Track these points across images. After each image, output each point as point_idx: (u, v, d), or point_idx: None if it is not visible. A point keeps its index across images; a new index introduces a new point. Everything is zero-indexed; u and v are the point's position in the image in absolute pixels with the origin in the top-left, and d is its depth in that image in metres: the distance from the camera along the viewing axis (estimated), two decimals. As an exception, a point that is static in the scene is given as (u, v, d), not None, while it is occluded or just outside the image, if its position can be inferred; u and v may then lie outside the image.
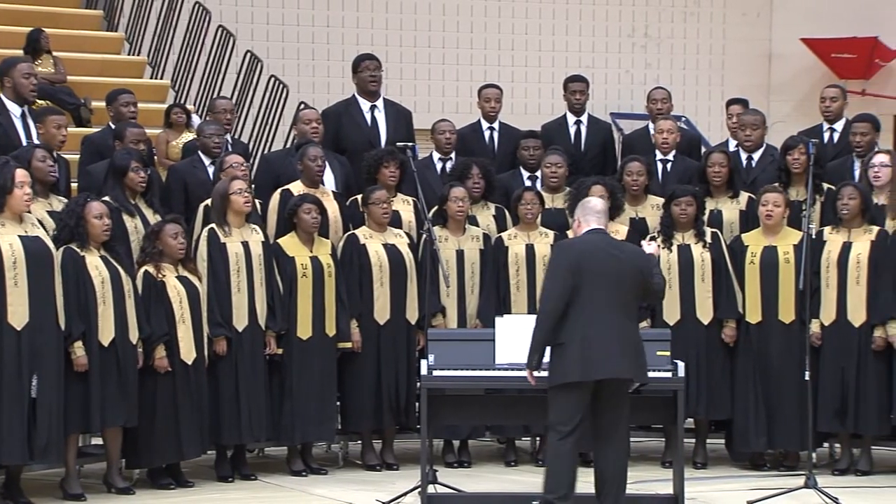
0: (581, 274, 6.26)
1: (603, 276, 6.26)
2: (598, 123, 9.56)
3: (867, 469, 7.91)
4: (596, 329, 6.22)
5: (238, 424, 7.61)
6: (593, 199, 6.75)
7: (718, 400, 8.00)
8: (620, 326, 6.27)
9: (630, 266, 6.34)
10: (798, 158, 8.14)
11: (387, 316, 8.00)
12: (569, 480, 6.28)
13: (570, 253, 6.40)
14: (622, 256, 6.36)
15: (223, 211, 7.67)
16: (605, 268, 6.28)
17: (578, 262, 6.29)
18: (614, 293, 6.26)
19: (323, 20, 12.67)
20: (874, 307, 7.76)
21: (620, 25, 13.29)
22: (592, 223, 6.44)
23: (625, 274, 6.31)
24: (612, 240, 6.57)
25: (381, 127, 8.97)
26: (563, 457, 6.26)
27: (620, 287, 6.29)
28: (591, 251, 6.34)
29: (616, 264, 6.31)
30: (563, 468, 6.27)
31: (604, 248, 6.36)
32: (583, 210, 6.52)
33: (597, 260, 6.29)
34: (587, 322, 6.22)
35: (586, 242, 6.43)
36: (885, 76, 12.73)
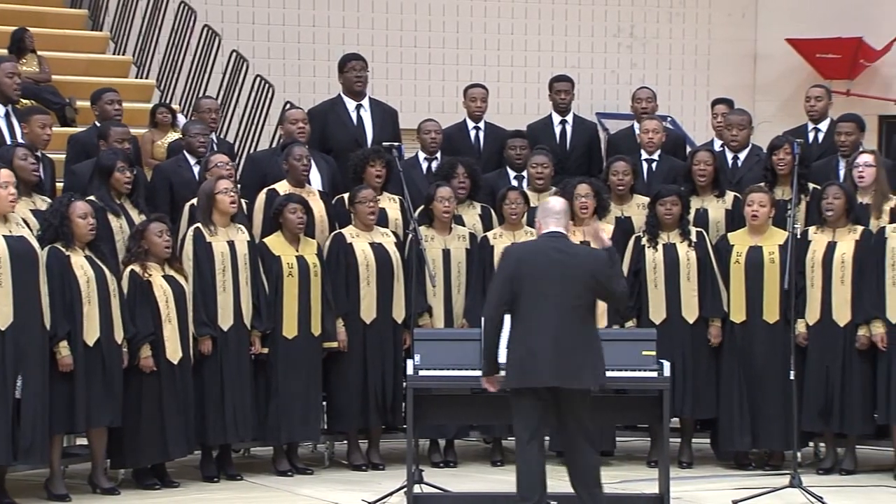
0: (522, 280, 6.17)
1: (545, 281, 6.14)
2: (583, 123, 9.58)
3: (851, 468, 7.94)
4: (537, 335, 6.12)
5: (223, 424, 7.60)
6: (553, 199, 6.60)
7: (704, 399, 8.02)
8: (565, 332, 6.12)
9: (578, 270, 6.19)
10: (783, 158, 8.16)
11: (373, 315, 8.00)
12: (538, 484, 6.24)
13: (510, 259, 6.32)
14: (569, 261, 6.20)
15: (209, 210, 7.66)
16: (547, 273, 6.16)
17: (518, 268, 6.21)
18: (560, 298, 6.13)
19: (309, 20, 12.66)
20: (858, 307, 7.78)
21: (606, 25, 13.31)
22: (551, 225, 6.33)
23: (571, 278, 6.16)
24: (563, 243, 6.31)
25: (366, 126, 8.97)
26: (530, 461, 6.23)
27: (567, 292, 6.14)
28: (532, 257, 6.24)
29: (560, 269, 6.17)
30: (531, 472, 6.24)
31: (547, 252, 6.23)
32: (542, 212, 6.42)
33: (538, 266, 6.18)
34: (529, 328, 6.15)
35: (529, 248, 6.40)
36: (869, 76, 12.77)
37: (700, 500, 7.25)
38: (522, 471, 6.27)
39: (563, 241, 6.33)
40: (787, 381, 7.39)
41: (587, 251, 6.50)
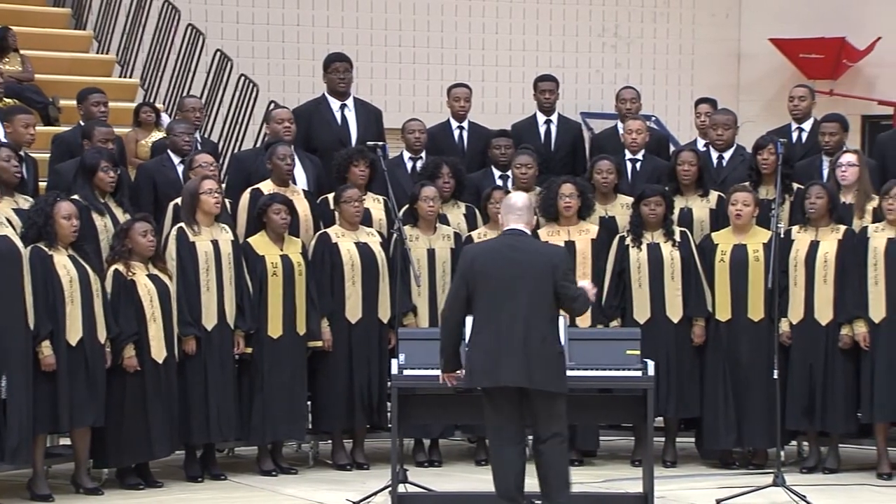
0: (476, 280, 6.13)
1: (499, 281, 6.09)
2: (568, 123, 9.59)
3: (835, 467, 7.96)
4: (489, 336, 6.08)
5: (207, 424, 7.59)
6: (515, 195, 6.51)
7: (688, 398, 8.04)
8: (519, 331, 6.05)
9: (533, 268, 6.12)
10: (768, 158, 8.18)
11: (358, 315, 7.99)
12: (514, 486, 6.21)
13: (465, 259, 6.27)
14: (524, 259, 6.13)
15: (192, 210, 7.65)
16: (501, 272, 6.10)
17: (472, 268, 6.17)
18: (514, 297, 6.07)
19: (293, 19, 12.64)
20: (841, 306, 7.81)
21: (590, 25, 13.32)
22: (511, 222, 6.27)
23: (526, 277, 6.09)
24: (520, 241, 6.22)
25: (351, 126, 8.96)
26: (504, 463, 6.22)
27: (522, 291, 6.08)
28: (486, 256, 6.19)
29: (515, 268, 6.11)
30: (505, 474, 6.22)
31: (503, 251, 6.18)
32: (504, 207, 6.36)
33: (492, 265, 6.13)
34: (482, 328, 6.11)
35: (485, 247, 6.37)
36: (852, 76, 12.81)
37: (684, 499, 7.27)
38: (496, 471, 6.27)
39: (520, 238, 6.25)
40: (771, 380, 7.42)
41: (543, 249, 6.46)
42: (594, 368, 6.73)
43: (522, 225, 6.27)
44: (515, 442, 6.22)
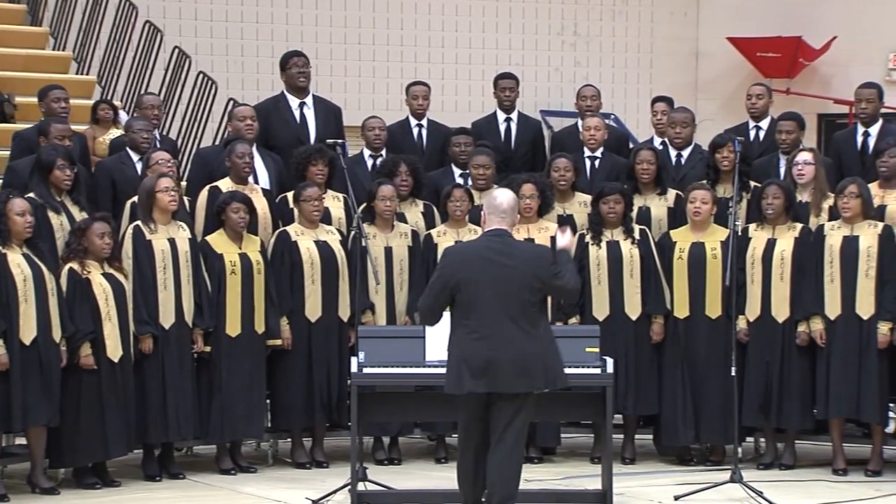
0: (459, 283, 6.04)
1: (484, 284, 6.00)
2: (528, 121, 9.60)
3: (791, 463, 8.02)
4: (475, 340, 6.00)
5: (165, 423, 7.56)
6: (501, 194, 6.31)
7: (647, 395, 8.08)
8: (504, 335, 5.97)
9: (519, 272, 6.01)
10: (727, 156, 8.23)
11: (318, 313, 7.98)
12: (472, 495, 6.19)
13: (450, 261, 6.19)
14: (509, 262, 6.03)
15: (149, 208, 7.61)
16: (486, 276, 6.01)
17: (457, 270, 6.08)
18: (500, 301, 5.99)
19: (252, 16, 12.59)
20: (798, 303, 7.87)
21: (550, 23, 13.35)
22: (495, 223, 6.17)
23: (512, 280, 5.99)
24: (505, 243, 6.12)
25: (309, 124, 8.94)
26: (465, 470, 6.20)
27: (508, 294, 5.99)
28: (471, 259, 6.10)
29: (500, 271, 6.02)
30: (465, 481, 6.21)
31: (487, 255, 6.05)
32: (489, 206, 6.24)
33: (477, 268, 6.04)
34: (467, 333, 6.03)
35: (470, 249, 6.28)
36: (808, 75, 12.90)
37: (643, 495, 7.30)
38: (459, 477, 6.26)
39: (504, 240, 6.16)
40: (728, 377, 7.46)
41: (529, 250, 6.38)
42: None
43: (506, 226, 6.18)
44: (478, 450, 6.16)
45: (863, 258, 7.75)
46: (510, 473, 6.07)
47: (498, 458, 6.05)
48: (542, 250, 6.37)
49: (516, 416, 6.08)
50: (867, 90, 8.77)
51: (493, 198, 6.29)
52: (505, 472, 6.05)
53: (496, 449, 6.06)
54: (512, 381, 6.01)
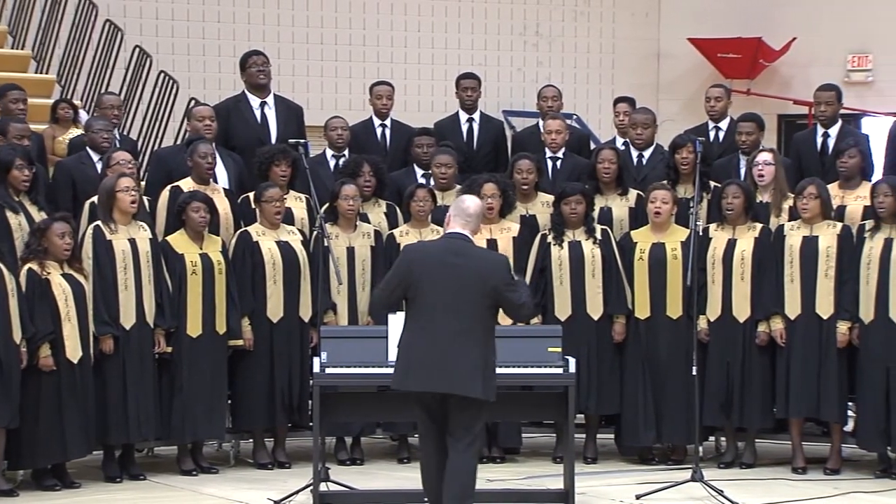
0: (414, 282, 6.10)
1: (438, 285, 6.05)
2: (490, 121, 9.62)
3: (751, 462, 8.08)
4: (427, 340, 6.05)
5: (126, 424, 7.52)
6: (469, 199, 6.36)
7: (608, 395, 8.10)
8: (452, 337, 6.01)
9: (473, 276, 6.05)
10: (686, 157, 8.27)
11: (280, 314, 7.96)
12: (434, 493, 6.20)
13: (406, 259, 6.24)
14: (465, 265, 6.06)
15: (109, 208, 7.57)
16: (440, 277, 6.06)
17: (411, 270, 6.13)
18: (451, 303, 6.03)
19: (213, 16, 12.51)
20: (758, 303, 7.93)
21: (512, 24, 13.36)
22: (457, 226, 6.21)
23: (465, 284, 6.03)
24: (463, 247, 6.16)
25: (271, 123, 8.91)
26: (426, 469, 6.23)
27: (459, 297, 6.02)
28: (426, 259, 6.15)
29: (454, 273, 6.06)
30: (426, 480, 6.23)
31: (444, 257, 6.11)
32: (455, 209, 6.29)
33: (431, 269, 6.09)
34: (414, 331, 6.11)
35: (426, 250, 6.33)
36: (768, 76, 12.97)
37: (604, 495, 7.33)
38: (422, 475, 6.27)
39: (463, 244, 6.19)
40: (689, 377, 7.50)
41: (486, 256, 6.39)
42: (516, 366, 6.76)
43: (468, 231, 6.22)
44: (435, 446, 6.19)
45: (822, 258, 7.81)
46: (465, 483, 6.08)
47: (454, 463, 6.07)
48: (499, 259, 6.37)
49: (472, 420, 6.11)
50: (826, 92, 8.84)
51: (462, 201, 6.34)
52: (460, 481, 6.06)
53: (453, 453, 6.09)
54: (453, 383, 6.03)
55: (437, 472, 6.15)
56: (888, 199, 7.68)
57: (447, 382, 6.04)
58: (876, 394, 7.72)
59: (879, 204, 7.71)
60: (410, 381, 6.11)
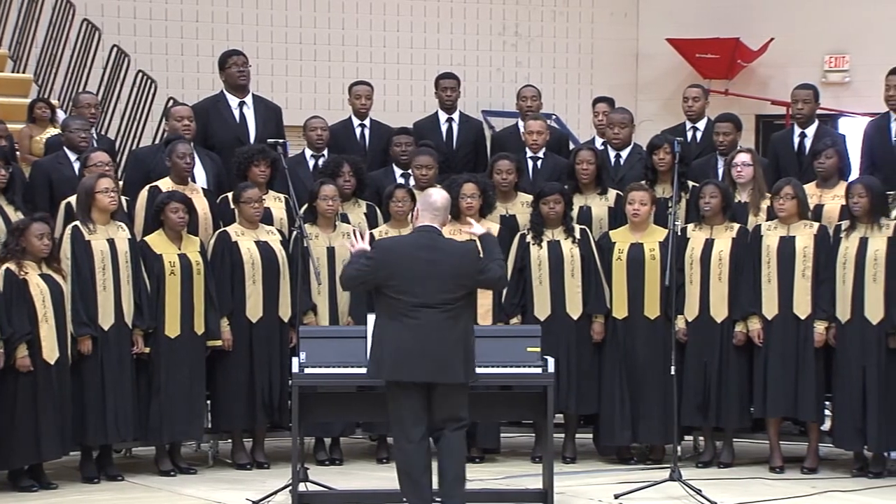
0: (386, 276, 6.23)
1: (411, 278, 6.20)
2: (469, 121, 9.63)
3: (729, 461, 8.10)
4: (403, 331, 6.18)
5: (104, 424, 7.50)
6: (435, 192, 6.57)
7: (587, 395, 8.12)
8: (432, 328, 6.17)
9: (445, 267, 6.24)
10: (664, 157, 8.29)
11: (259, 314, 7.95)
12: (423, 484, 6.25)
13: (380, 253, 6.34)
14: (436, 258, 6.25)
15: (88, 208, 7.54)
16: (413, 270, 6.21)
17: (385, 263, 6.26)
18: (424, 295, 6.18)
19: (192, 15, 12.49)
20: (735, 303, 7.95)
21: (491, 24, 13.38)
22: (426, 220, 6.39)
23: (438, 275, 6.21)
24: (433, 239, 6.34)
25: (249, 123, 8.90)
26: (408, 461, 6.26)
27: (432, 288, 6.20)
28: (400, 254, 6.29)
29: (426, 266, 6.22)
30: (410, 472, 6.26)
31: (415, 251, 6.27)
32: (422, 203, 6.46)
33: (405, 263, 6.24)
34: (391, 324, 6.22)
35: (400, 243, 6.47)
36: (746, 76, 13.02)
37: (583, 494, 7.34)
38: (400, 474, 6.30)
39: (433, 236, 6.37)
40: (667, 377, 7.53)
41: (456, 248, 6.50)
42: (495, 365, 6.77)
43: (437, 224, 6.39)
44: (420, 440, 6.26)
45: (799, 258, 7.85)
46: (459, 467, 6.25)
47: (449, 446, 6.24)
48: (468, 247, 6.55)
49: (457, 409, 6.27)
50: (803, 91, 8.88)
51: (428, 195, 6.51)
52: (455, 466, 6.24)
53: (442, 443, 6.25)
54: (437, 372, 6.19)
55: (423, 461, 6.24)
56: (863, 200, 7.72)
57: (432, 372, 6.19)
58: (852, 393, 7.75)
59: (854, 204, 7.75)
60: (387, 371, 6.23)
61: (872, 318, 7.70)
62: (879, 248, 7.69)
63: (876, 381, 7.69)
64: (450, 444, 6.28)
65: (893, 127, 8.65)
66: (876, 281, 7.69)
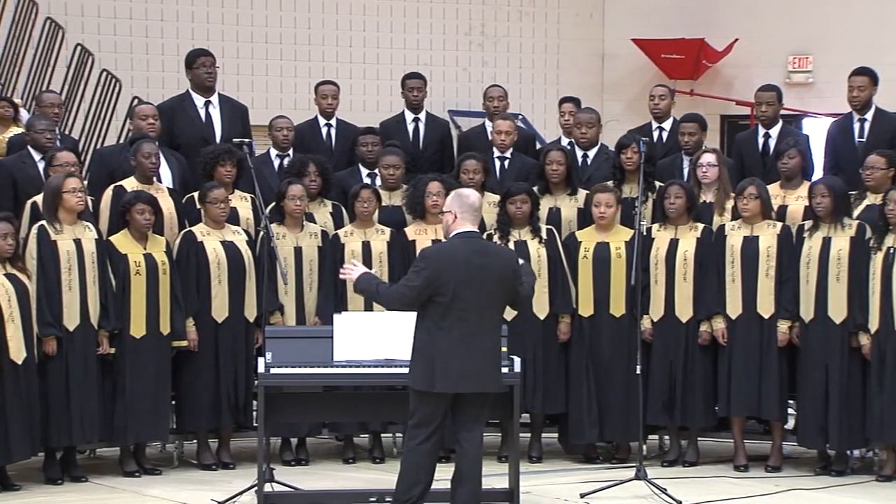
0: (441, 286, 6.18)
1: (466, 286, 6.18)
2: (435, 121, 9.63)
3: (694, 460, 8.15)
4: (454, 341, 6.18)
5: (68, 425, 7.45)
6: (472, 193, 6.48)
7: (553, 394, 8.14)
8: (480, 338, 6.22)
9: (497, 274, 6.27)
10: (631, 157, 8.32)
11: (225, 314, 7.92)
12: (424, 481, 6.31)
13: (434, 261, 6.25)
14: (489, 265, 6.25)
15: (54, 208, 7.50)
16: (469, 278, 6.18)
17: (441, 271, 6.20)
18: (477, 303, 6.20)
19: (157, 14, 12.42)
20: (700, 303, 8.00)
21: (458, 24, 13.39)
22: (467, 222, 6.32)
23: (492, 282, 6.24)
24: (480, 244, 6.38)
25: (215, 123, 8.87)
26: (422, 459, 6.29)
27: (484, 297, 6.22)
28: (455, 262, 6.22)
29: (481, 273, 6.22)
30: (419, 470, 6.29)
31: (468, 258, 6.22)
32: (460, 204, 6.35)
33: (461, 272, 6.19)
34: (446, 333, 6.19)
35: (452, 251, 6.30)
36: (711, 77, 13.08)
37: (549, 493, 7.36)
38: (410, 468, 6.30)
39: (481, 242, 6.44)
40: (633, 376, 7.56)
41: (503, 253, 6.62)
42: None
43: (476, 227, 6.39)
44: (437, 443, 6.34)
45: (763, 258, 7.90)
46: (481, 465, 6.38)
47: (472, 447, 6.33)
48: (512, 256, 6.61)
49: (482, 412, 6.38)
50: (767, 93, 8.94)
51: (466, 196, 6.43)
52: (478, 464, 6.36)
53: (468, 438, 6.33)
54: (483, 382, 6.27)
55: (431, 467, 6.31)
56: (826, 200, 7.78)
57: (476, 382, 6.25)
58: (816, 392, 7.81)
59: (817, 204, 7.81)
60: (439, 383, 6.20)
61: (835, 317, 7.76)
62: (842, 248, 7.75)
63: (839, 380, 7.75)
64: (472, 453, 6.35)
65: (857, 127, 8.73)
66: (839, 281, 7.75)
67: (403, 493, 6.31)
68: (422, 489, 6.31)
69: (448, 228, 6.40)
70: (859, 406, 7.75)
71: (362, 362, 6.77)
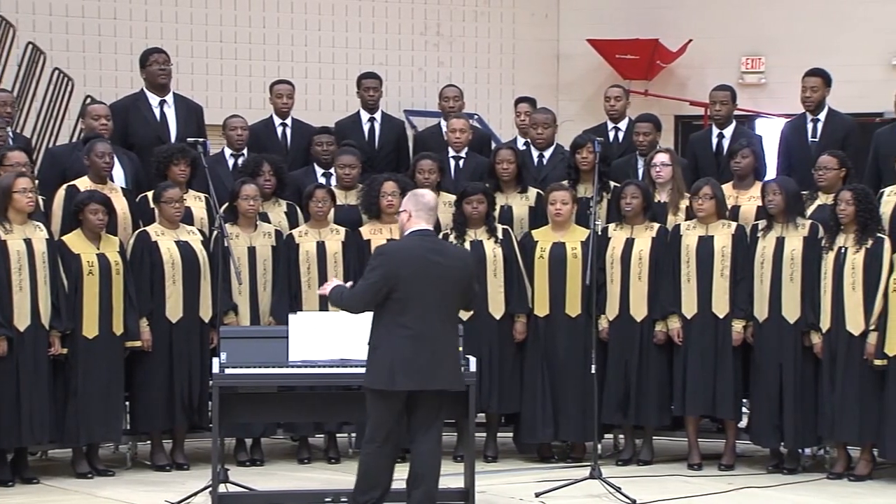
0: (398, 282, 6.15)
1: (421, 284, 6.15)
2: (391, 120, 9.63)
3: (648, 459, 8.19)
4: (413, 338, 6.15)
5: (18, 427, 7.38)
6: (427, 193, 6.51)
7: (509, 394, 8.15)
8: (436, 335, 6.20)
9: (454, 272, 6.27)
10: (586, 157, 8.35)
11: (179, 314, 7.88)
12: (383, 484, 6.30)
13: (390, 259, 6.24)
14: (444, 262, 6.25)
15: (4, 208, 7.42)
16: (424, 276, 6.17)
17: (397, 269, 6.17)
18: (433, 301, 6.18)
19: (110, 12, 12.32)
20: (655, 302, 8.04)
21: (413, 23, 13.38)
22: (422, 221, 6.32)
23: (448, 280, 6.24)
24: (436, 243, 6.41)
25: (170, 122, 8.82)
26: (380, 462, 6.27)
27: (442, 294, 6.21)
28: (411, 258, 6.20)
29: (437, 271, 6.21)
30: (378, 473, 6.28)
31: (424, 255, 6.22)
32: (415, 203, 6.35)
33: (416, 268, 6.17)
34: (404, 330, 6.16)
35: (408, 249, 6.29)
36: (665, 77, 13.14)
37: (505, 493, 7.37)
38: (368, 470, 6.28)
39: (435, 240, 6.44)
40: (588, 375, 7.58)
41: (460, 252, 6.63)
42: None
43: (431, 225, 6.38)
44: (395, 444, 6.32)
45: (717, 258, 7.95)
46: (438, 466, 6.33)
47: (428, 448, 6.28)
48: (468, 255, 6.68)
49: (438, 413, 6.34)
50: (721, 93, 9.01)
51: (421, 195, 6.46)
52: (435, 465, 6.30)
53: (424, 440, 6.28)
54: (443, 380, 6.23)
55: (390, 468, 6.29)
56: (777, 198, 7.84)
57: (437, 379, 6.22)
58: (769, 391, 7.87)
59: (769, 202, 7.87)
60: (399, 381, 6.16)
61: (789, 316, 7.82)
62: (796, 248, 7.81)
63: (792, 379, 7.81)
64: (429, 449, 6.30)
65: (810, 128, 8.81)
66: (793, 280, 7.82)
67: (361, 493, 6.29)
68: (380, 493, 6.30)
69: (403, 227, 6.40)
70: (812, 405, 7.82)
71: (317, 362, 6.75)
